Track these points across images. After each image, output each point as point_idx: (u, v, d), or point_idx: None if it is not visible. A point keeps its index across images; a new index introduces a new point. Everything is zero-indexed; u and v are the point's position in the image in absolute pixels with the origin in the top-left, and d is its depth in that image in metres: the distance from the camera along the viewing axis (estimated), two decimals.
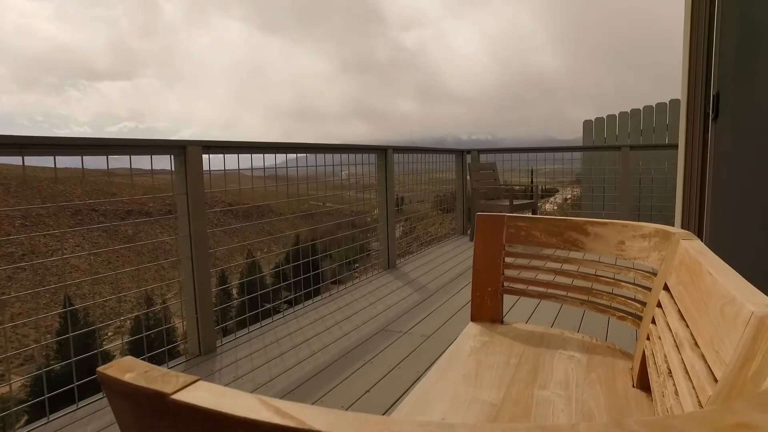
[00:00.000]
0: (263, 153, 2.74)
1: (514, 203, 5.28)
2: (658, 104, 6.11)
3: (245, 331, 2.66)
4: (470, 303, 1.59)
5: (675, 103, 6.02)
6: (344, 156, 3.85)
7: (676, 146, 5.94)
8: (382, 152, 4.03)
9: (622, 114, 6.41)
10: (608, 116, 6.52)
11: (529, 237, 1.47)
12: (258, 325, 2.75)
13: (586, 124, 6.71)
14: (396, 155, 4.29)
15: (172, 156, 2.15)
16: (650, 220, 5.76)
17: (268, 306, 2.82)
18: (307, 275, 3.28)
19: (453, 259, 4.55)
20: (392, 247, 4.16)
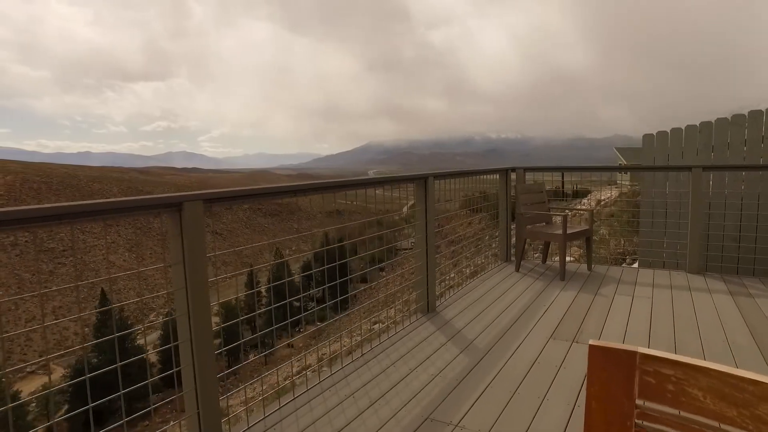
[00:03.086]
0: (281, 197, 2.29)
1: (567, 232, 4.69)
2: (734, 116, 5.36)
3: (260, 415, 2.20)
4: None
5: (756, 114, 5.26)
6: (370, 155, 3.36)
7: (760, 167, 5.15)
8: (422, 181, 3.52)
9: (690, 128, 5.68)
10: (672, 130, 5.79)
11: (682, 397, 0.95)
12: (276, 405, 2.29)
13: (647, 138, 6.00)
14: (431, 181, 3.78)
15: (166, 216, 1.70)
16: (721, 252, 5.01)
17: (288, 382, 2.36)
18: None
19: (500, 300, 4.00)
20: (432, 287, 3.65)
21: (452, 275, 4.66)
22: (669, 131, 5.82)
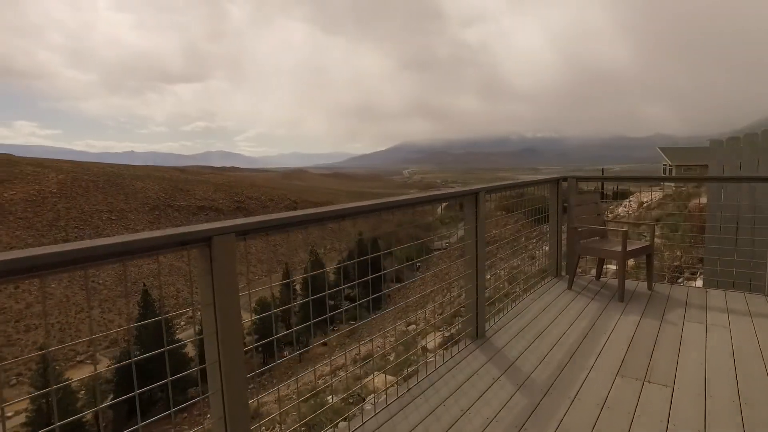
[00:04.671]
0: (321, 223, 2.06)
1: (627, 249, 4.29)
2: None
3: None
4: None
5: None
6: (404, 154, 3.11)
7: None
8: (473, 196, 3.24)
9: (767, 132, 5.13)
10: (746, 135, 5.25)
11: None
12: None
13: (714, 144, 5.48)
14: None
15: (195, 252, 1.50)
16: None
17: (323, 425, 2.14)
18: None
19: (555, 325, 3.66)
20: (481, 311, 3.36)
21: (493, 280, 4.34)
22: (741, 137, 5.28)
